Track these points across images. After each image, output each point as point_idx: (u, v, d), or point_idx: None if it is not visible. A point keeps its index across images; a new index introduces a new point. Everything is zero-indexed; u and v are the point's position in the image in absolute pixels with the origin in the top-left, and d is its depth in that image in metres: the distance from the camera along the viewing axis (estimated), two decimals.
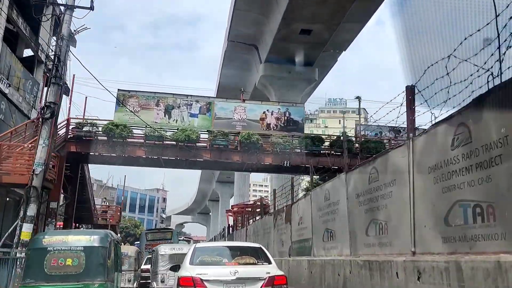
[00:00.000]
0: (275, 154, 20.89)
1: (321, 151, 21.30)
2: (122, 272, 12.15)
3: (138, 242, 27.28)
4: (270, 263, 6.79)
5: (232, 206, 37.42)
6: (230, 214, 33.00)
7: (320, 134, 21.57)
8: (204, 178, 71.78)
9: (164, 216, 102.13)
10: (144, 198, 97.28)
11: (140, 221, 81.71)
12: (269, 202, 20.86)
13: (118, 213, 29.88)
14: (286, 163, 20.49)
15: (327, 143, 21.70)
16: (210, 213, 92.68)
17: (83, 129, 20.18)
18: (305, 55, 31.02)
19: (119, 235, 37.22)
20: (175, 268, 7.48)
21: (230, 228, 28.64)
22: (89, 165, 24.60)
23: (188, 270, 6.44)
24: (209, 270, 6.39)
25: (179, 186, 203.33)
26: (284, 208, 11.19)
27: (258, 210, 20.94)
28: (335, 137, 22.65)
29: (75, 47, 28.68)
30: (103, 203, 44.04)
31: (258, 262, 6.74)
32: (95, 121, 20.58)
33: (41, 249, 7.40)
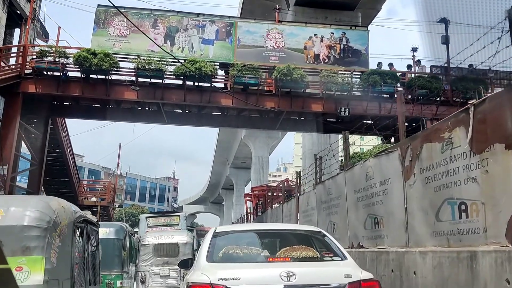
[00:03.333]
0: (327, 98, 14.20)
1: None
2: None
3: (137, 229, 21.13)
4: (343, 258, 3.75)
5: (252, 188, 33.16)
6: (249, 198, 29.62)
7: (392, 71, 14.67)
8: (218, 161, 67.26)
9: (175, 205, 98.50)
10: (155, 187, 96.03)
11: (149, 210, 76.88)
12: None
13: (112, 192, 23.51)
14: (344, 111, 13.77)
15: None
16: (224, 203, 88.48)
17: (46, 60, 13.74)
18: None
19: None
20: (185, 263, 4.86)
21: (259, 209, 22.35)
22: (67, 122, 18.25)
23: (204, 271, 3.43)
24: (242, 271, 3.40)
25: (190, 176, 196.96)
26: (470, 111, 3.79)
27: (284, 192, 15.30)
28: (414, 74, 15.64)
29: None
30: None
31: (325, 257, 3.79)
32: (65, 48, 14.09)
33: None
